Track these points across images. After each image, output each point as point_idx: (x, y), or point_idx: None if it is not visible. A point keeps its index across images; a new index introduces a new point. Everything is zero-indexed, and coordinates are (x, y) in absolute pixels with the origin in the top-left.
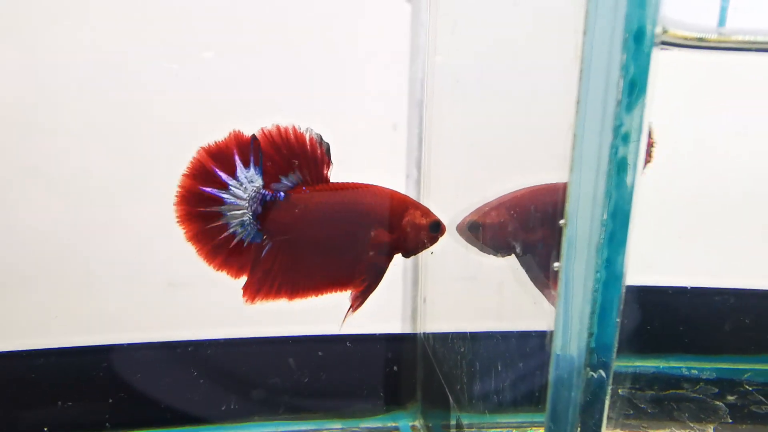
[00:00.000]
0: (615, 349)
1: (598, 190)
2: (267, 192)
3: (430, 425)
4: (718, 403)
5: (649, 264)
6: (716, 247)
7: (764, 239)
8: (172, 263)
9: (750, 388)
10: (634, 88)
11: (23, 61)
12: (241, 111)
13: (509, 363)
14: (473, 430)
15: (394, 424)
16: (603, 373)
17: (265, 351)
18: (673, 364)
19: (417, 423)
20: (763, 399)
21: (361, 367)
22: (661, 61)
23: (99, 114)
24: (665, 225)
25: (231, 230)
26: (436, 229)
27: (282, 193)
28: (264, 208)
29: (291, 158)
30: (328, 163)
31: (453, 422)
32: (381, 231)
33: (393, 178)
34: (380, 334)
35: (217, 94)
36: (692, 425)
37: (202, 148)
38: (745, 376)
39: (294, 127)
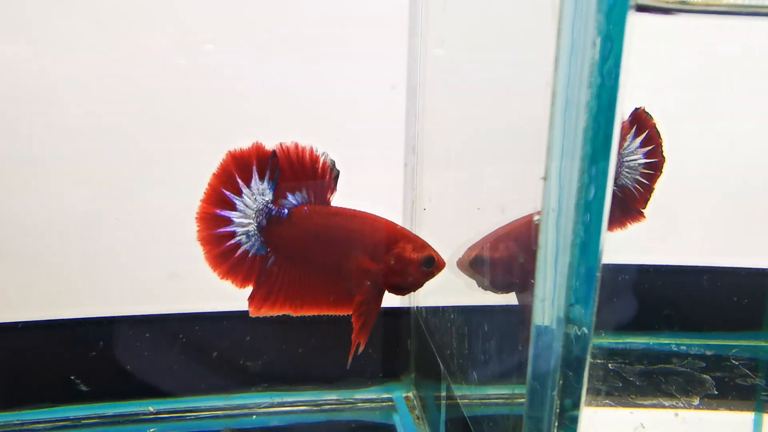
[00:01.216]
0: (595, 304)
1: (576, 146)
2: (273, 207)
3: (423, 395)
4: (705, 376)
5: (642, 244)
6: (707, 228)
7: (754, 220)
8: (174, 254)
9: (737, 363)
10: (610, 49)
11: (28, 56)
12: (241, 106)
13: (496, 327)
14: (465, 401)
15: (387, 395)
16: (585, 330)
17: (263, 324)
18: (663, 340)
19: (410, 394)
20: (748, 372)
21: None
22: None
23: (104, 111)
24: (657, 206)
25: (237, 239)
26: (429, 265)
27: (286, 210)
28: (269, 222)
29: (301, 177)
30: (334, 188)
31: (444, 393)
32: (365, 261)
33: (392, 169)
34: None
35: (218, 81)
36: (679, 397)
37: (230, 152)
38: (733, 351)
39: (311, 149)
